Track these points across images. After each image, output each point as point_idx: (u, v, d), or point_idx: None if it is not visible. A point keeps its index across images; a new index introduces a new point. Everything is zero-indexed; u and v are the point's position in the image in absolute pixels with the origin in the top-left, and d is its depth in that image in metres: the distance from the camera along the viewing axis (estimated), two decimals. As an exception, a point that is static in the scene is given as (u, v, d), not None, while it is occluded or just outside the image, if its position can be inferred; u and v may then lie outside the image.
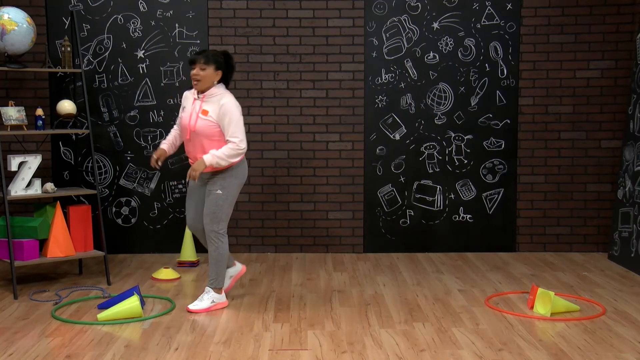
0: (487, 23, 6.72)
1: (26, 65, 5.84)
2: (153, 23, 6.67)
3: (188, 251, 6.34)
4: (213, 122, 4.81)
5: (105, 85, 6.69)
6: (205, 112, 4.82)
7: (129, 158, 6.75)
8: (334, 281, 5.81)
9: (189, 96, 5.00)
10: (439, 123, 6.79)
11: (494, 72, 6.75)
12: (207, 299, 5.00)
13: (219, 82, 4.93)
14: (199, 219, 5.07)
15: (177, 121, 5.14)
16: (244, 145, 4.82)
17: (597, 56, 6.75)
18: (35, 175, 5.60)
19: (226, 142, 4.83)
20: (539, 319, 4.79)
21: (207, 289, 5.03)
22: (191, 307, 4.95)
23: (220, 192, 4.89)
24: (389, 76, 6.76)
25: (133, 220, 6.80)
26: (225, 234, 5.02)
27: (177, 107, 6.71)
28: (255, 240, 6.85)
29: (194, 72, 4.84)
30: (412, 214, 6.85)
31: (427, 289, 5.58)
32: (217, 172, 4.90)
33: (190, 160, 5.01)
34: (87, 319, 4.79)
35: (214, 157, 4.76)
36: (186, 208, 5.18)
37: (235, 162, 4.85)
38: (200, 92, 4.90)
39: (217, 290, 5.03)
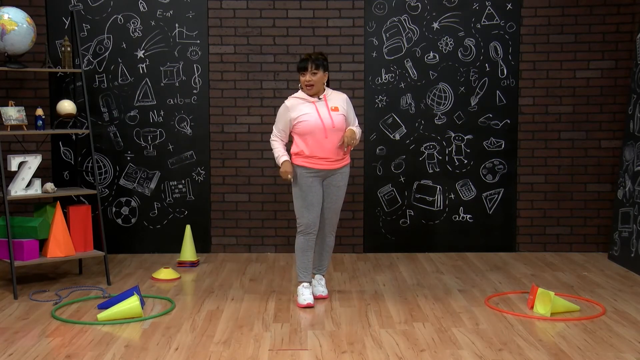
0: (487, 23, 6.72)
1: (26, 65, 5.85)
2: (153, 23, 6.67)
3: (188, 251, 6.34)
4: (344, 114, 5.19)
5: (105, 85, 6.69)
6: (336, 109, 5.15)
7: (129, 158, 6.75)
8: (334, 281, 5.81)
9: (299, 104, 5.14)
10: (439, 123, 6.79)
11: (494, 72, 6.75)
12: (324, 283, 5.42)
13: None
14: (319, 216, 5.22)
15: (281, 134, 5.18)
16: None
17: (597, 56, 6.75)
18: (35, 175, 5.60)
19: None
20: (539, 319, 4.79)
21: (320, 276, 5.41)
22: (323, 294, 5.32)
23: (345, 186, 5.31)
24: (389, 76, 6.76)
25: (133, 220, 6.80)
26: None
27: (176, 107, 6.71)
28: (255, 240, 6.85)
29: (306, 78, 5.10)
30: (412, 214, 6.85)
31: (427, 289, 5.58)
32: (344, 167, 5.24)
33: (323, 160, 5.11)
34: (87, 319, 4.79)
35: (357, 130, 5.24)
36: (306, 208, 5.15)
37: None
38: (315, 95, 5.15)
39: None
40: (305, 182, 5.13)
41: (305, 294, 5.15)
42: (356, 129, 5.25)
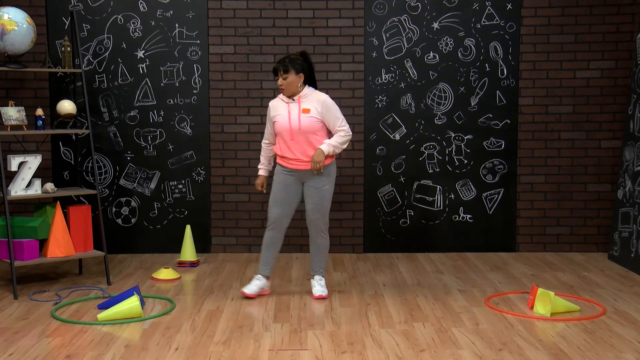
0: (487, 23, 6.72)
1: (26, 65, 5.85)
2: (153, 23, 6.67)
3: (188, 251, 6.34)
4: (316, 118, 5.17)
5: (105, 85, 6.69)
6: (307, 111, 5.16)
7: (129, 158, 6.75)
8: (334, 281, 5.81)
9: (277, 104, 5.28)
10: (439, 123, 6.79)
11: (494, 72, 6.75)
12: (324, 284, 5.41)
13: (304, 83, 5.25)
14: (288, 214, 5.34)
15: (267, 133, 5.39)
16: (351, 131, 5.28)
17: (597, 56, 6.75)
18: (35, 175, 5.60)
19: (335, 132, 5.22)
20: (539, 319, 4.79)
21: (320, 277, 5.40)
22: (322, 294, 5.31)
23: (328, 187, 5.28)
24: (389, 76, 6.76)
25: (133, 220, 6.80)
26: None
27: (176, 107, 6.72)
28: (255, 240, 6.84)
29: (278, 82, 5.20)
30: (412, 214, 6.85)
31: (427, 289, 5.58)
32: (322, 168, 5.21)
33: (294, 161, 5.21)
34: (87, 319, 4.79)
35: (329, 145, 5.16)
36: (274, 203, 5.31)
37: (345, 147, 5.30)
38: (290, 96, 5.20)
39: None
40: (279, 178, 5.30)
41: (251, 285, 5.34)
42: (337, 137, 5.17)
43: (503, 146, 6.82)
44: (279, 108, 5.25)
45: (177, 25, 6.68)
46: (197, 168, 6.78)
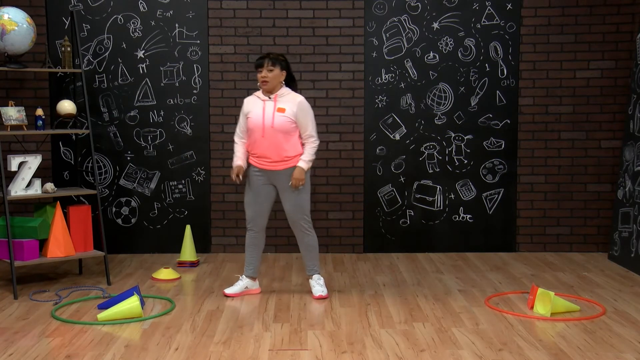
0: (487, 23, 6.72)
1: (26, 65, 5.85)
2: (153, 23, 6.67)
3: (188, 251, 6.34)
4: (290, 118, 5.17)
5: (105, 85, 6.69)
6: (282, 110, 5.16)
7: (129, 158, 6.75)
8: (334, 281, 5.81)
9: (253, 100, 5.29)
10: (439, 123, 6.79)
11: (494, 72, 6.75)
12: (323, 283, 5.40)
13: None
14: (262, 214, 5.36)
15: (240, 130, 5.36)
16: (318, 140, 5.31)
17: (597, 56, 6.75)
18: (35, 175, 5.60)
19: (304, 138, 5.24)
20: (539, 319, 4.79)
21: (318, 276, 5.41)
22: (322, 294, 5.30)
23: (302, 186, 5.25)
24: (389, 76, 6.76)
25: (133, 220, 6.80)
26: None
27: (176, 107, 6.72)
28: (255, 240, 6.84)
29: (262, 74, 5.18)
30: (412, 214, 6.85)
31: (427, 289, 5.58)
32: (289, 169, 5.21)
33: (263, 160, 5.23)
34: (87, 319, 4.79)
35: (307, 162, 5.23)
36: (246, 204, 5.37)
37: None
38: (269, 92, 5.21)
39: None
40: (250, 179, 5.33)
41: (234, 286, 5.40)
42: (309, 150, 5.22)
43: (503, 146, 6.82)
44: (254, 104, 5.26)
45: (177, 25, 6.68)
46: (197, 168, 6.78)
